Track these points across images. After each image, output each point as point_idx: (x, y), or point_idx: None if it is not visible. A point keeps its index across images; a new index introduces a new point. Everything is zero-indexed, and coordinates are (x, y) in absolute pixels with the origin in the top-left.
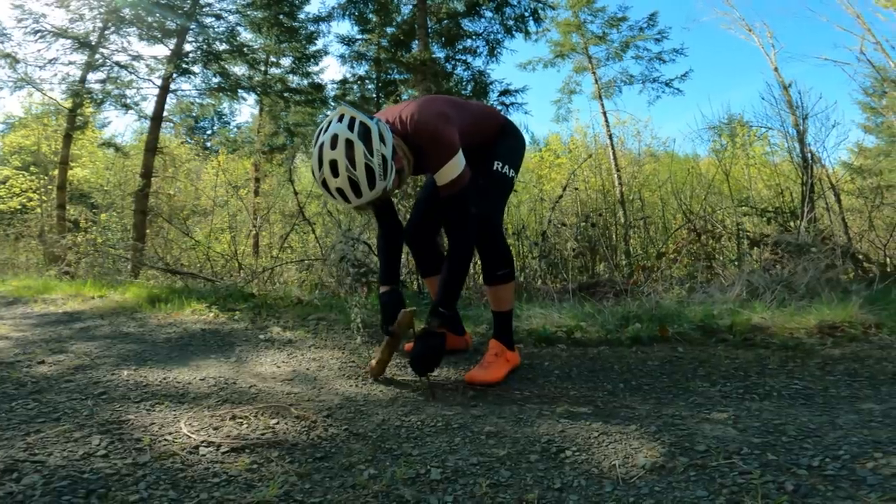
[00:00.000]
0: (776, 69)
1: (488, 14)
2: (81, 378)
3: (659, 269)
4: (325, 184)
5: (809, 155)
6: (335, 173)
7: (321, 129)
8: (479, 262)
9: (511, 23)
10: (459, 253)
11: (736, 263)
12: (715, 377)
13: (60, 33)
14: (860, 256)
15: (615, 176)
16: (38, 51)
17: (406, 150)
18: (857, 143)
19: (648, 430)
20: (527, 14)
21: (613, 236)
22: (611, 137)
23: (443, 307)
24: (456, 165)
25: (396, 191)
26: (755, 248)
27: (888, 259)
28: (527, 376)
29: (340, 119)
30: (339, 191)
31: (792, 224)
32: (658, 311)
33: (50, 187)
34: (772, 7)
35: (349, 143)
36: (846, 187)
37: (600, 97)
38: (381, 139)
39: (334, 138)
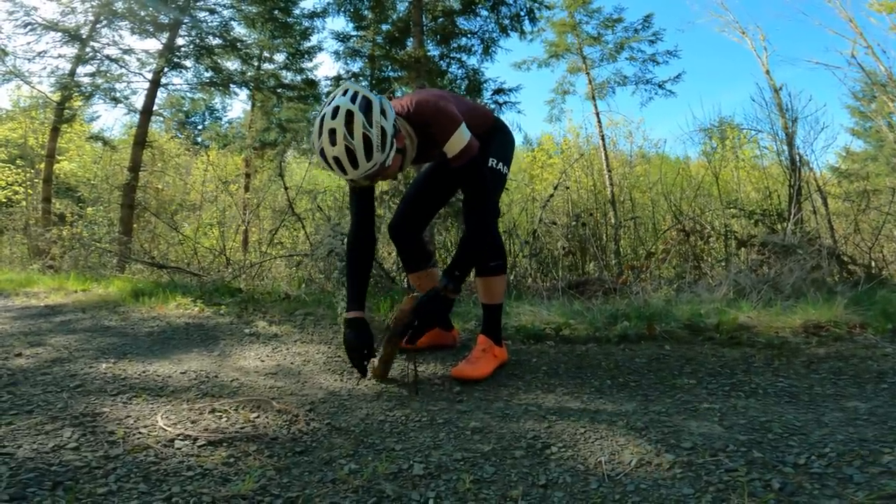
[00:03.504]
0: (768, 72)
1: (484, 12)
2: (58, 371)
3: (648, 269)
4: (322, 153)
5: (798, 157)
6: (333, 142)
7: (326, 103)
8: None
9: (506, 22)
10: (481, 226)
11: (723, 264)
12: (701, 374)
13: (51, 26)
14: (845, 258)
15: (606, 176)
16: (28, 43)
17: (410, 132)
18: (845, 146)
19: (635, 427)
20: (522, 13)
21: (604, 236)
22: (603, 138)
23: (459, 270)
24: (462, 135)
25: (399, 174)
26: (742, 248)
27: (873, 262)
28: (514, 372)
29: (345, 93)
30: (336, 160)
31: (779, 226)
32: (646, 309)
33: (36, 181)
34: (765, 10)
35: (349, 114)
36: (833, 191)
37: (594, 98)
38: (383, 113)
39: (336, 109)
